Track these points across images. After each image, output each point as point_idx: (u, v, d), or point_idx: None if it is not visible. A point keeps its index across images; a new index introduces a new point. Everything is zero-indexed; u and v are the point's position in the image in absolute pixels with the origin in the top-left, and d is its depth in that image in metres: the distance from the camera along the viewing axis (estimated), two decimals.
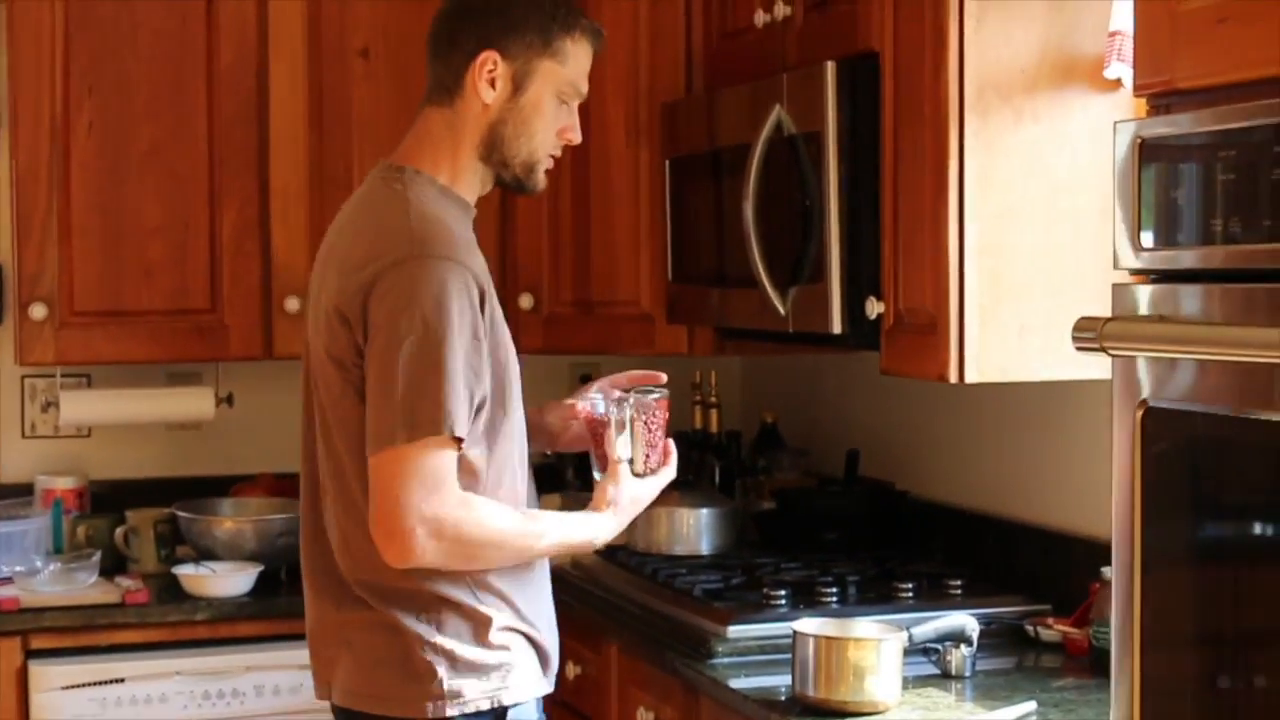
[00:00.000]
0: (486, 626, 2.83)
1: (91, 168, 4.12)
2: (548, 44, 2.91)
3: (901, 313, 3.17)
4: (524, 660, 2.89)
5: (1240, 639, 2.03)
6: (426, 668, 2.81)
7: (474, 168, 2.95)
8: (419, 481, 2.70)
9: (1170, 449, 2.03)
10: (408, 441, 2.70)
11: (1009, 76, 3.04)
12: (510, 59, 2.90)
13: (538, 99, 2.91)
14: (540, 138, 2.93)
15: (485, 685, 2.83)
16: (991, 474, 3.81)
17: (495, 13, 2.91)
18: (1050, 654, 3.27)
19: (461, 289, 2.73)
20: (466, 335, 2.73)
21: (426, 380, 2.69)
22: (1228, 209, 1.93)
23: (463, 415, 2.72)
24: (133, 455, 4.52)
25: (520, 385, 2.93)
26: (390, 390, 2.71)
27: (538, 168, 2.96)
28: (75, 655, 3.83)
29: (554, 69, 2.92)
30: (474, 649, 2.83)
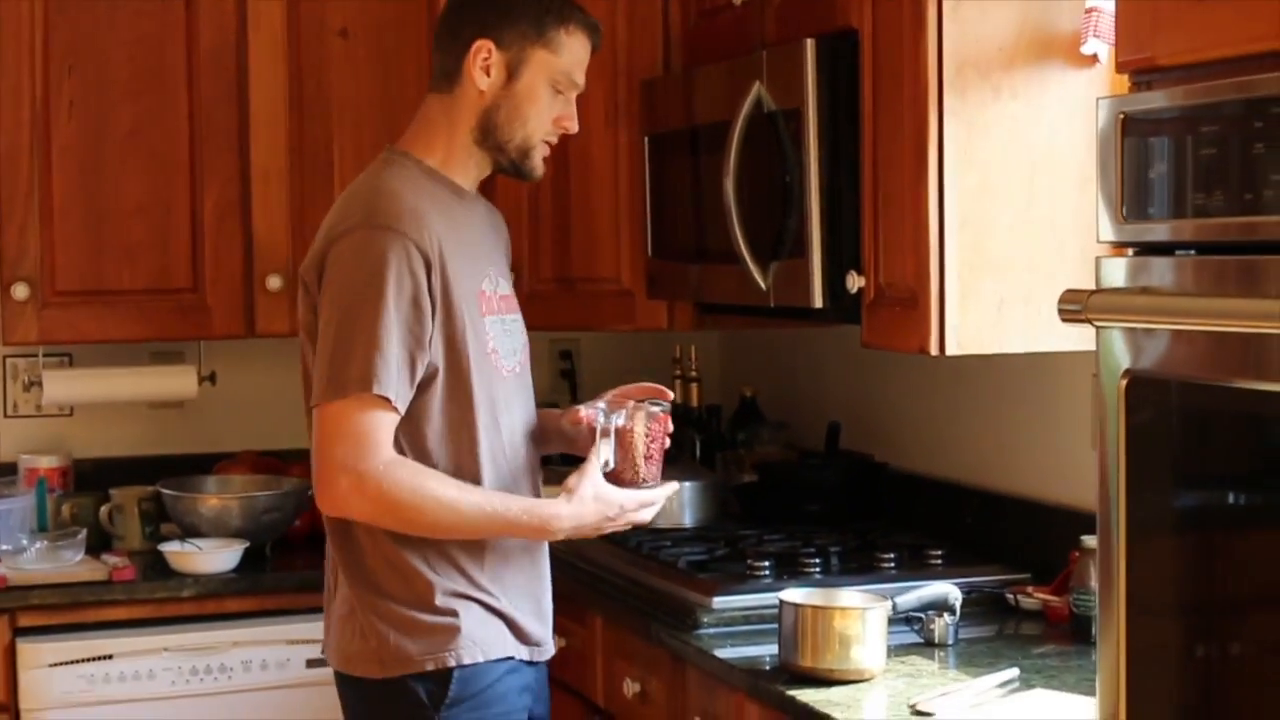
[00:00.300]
0: (430, 591, 2.94)
1: (73, 148, 4.14)
2: (541, 34, 3.02)
3: (882, 287, 3.21)
4: (477, 626, 2.97)
5: (1223, 606, 2.07)
6: (373, 629, 2.96)
7: (469, 151, 3.06)
8: (344, 436, 2.85)
9: (1153, 418, 2.07)
10: (336, 398, 2.86)
11: (987, 53, 3.07)
12: (504, 47, 3.01)
13: (531, 86, 3.02)
14: (534, 124, 3.03)
15: (428, 647, 2.94)
16: (970, 445, 3.86)
17: (492, 4, 3.03)
18: (1030, 622, 3.32)
19: (400, 257, 2.87)
20: (405, 302, 2.87)
21: (355, 341, 2.85)
22: (1208, 183, 1.97)
23: (391, 377, 2.85)
24: (115, 434, 4.55)
25: (504, 356, 3.05)
26: (325, 350, 2.88)
27: (533, 153, 3.06)
28: (63, 632, 3.86)
29: (547, 58, 3.02)
30: (419, 612, 2.95)
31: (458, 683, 2.95)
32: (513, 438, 3.06)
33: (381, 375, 2.84)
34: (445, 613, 2.95)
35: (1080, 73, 3.12)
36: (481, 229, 3.13)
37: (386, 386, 2.84)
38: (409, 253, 2.87)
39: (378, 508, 2.88)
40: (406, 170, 3.03)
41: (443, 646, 2.95)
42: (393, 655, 2.95)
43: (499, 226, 3.24)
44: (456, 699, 2.95)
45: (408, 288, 2.87)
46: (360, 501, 2.87)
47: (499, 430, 3.03)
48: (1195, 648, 2.11)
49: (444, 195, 3.03)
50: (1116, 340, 2.09)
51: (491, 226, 3.20)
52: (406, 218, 2.91)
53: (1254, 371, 1.91)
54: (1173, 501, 2.10)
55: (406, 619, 2.95)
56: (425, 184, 3.02)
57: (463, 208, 3.07)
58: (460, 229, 3.02)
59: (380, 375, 2.84)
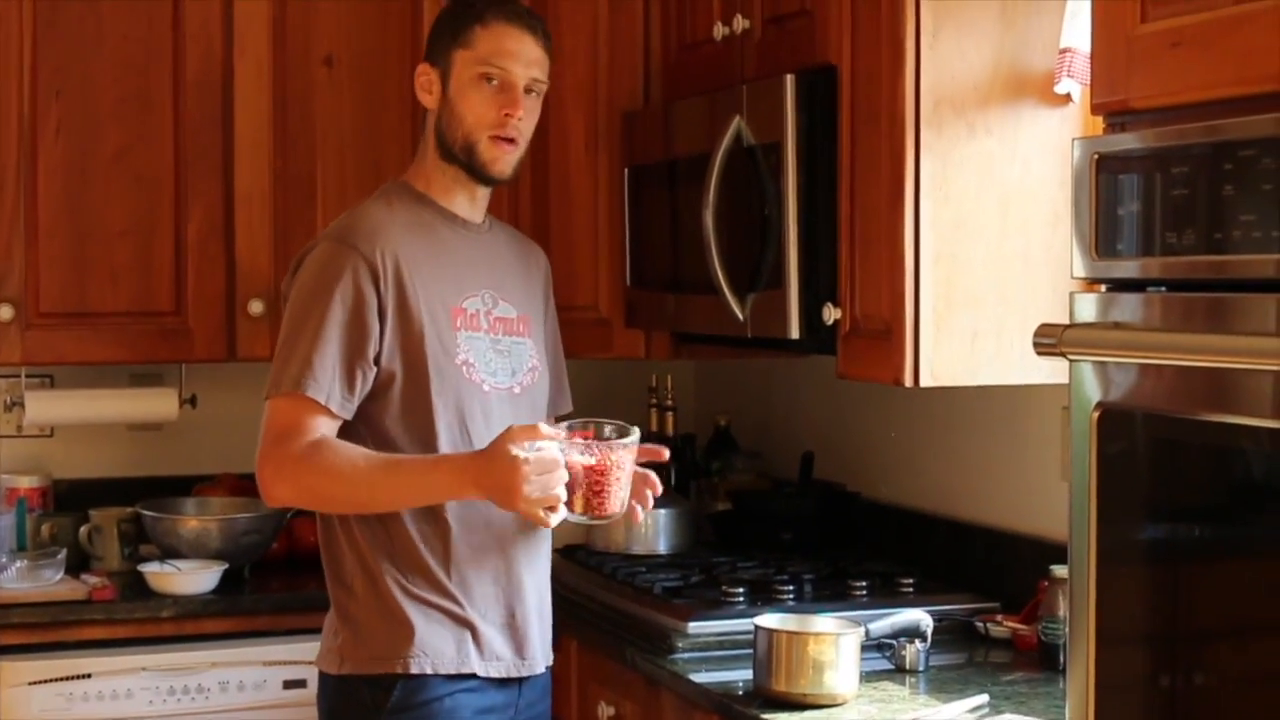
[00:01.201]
0: (391, 594, 3.04)
1: (59, 170, 4.18)
2: (456, 36, 3.16)
3: (858, 319, 3.27)
4: (434, 636, 3.04)
5: (1191, 636, 2.12)
6: (335, 626, 3.10)
7: (441, 170, 3.20)
8: (273, 431, 3.02)
9: (1124, 450, 2.13)
10: (274, 396, 3.04)
11: (963, 91, 3.14)
12: (435, 64, 3.18)
13: (460, 86, 3.15)
14: (470, 120, 3.14)
15: (378, 651, 3.04)
16: (941, 476, 3.92)
17: (431, 34, 3.24)
18: (999, 650, 3.38)
19: (347, 268, 3.03)
20: (346, 311, 3.02)
21: (296, 345, 3.02)
22: (1179, 222, 2.04)
23: (324, 380, 3.00)
24: (95, 455, 4.58)
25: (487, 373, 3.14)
26: (276, 350, 3.09)
27: (477, 148, 3.15)
28: (42, 651, 3.88)
29: (466, 55, 3.15)
30: (376, 614, 3.05)
31: (401, 691, 3.03)
32: (476, 429, 3.11)
33: (312, 378, 2.99)
34: (401, 619, 3.03)
35: (1054, 111, 3.18)
36: (487, 255, 3.22)
37: (318, 390, 2.99)
38: (356, 267, 3.03)
39: (298, 489, 3.02)
40: (395, 196, 3.19)
41: (392, 652, 3.03)
42: (348, 654, 3.06)
43: (531, 260, 3.37)
44: (397, 708, 3.03)
45: (350, 295, 3.02)
46: (282, 486, 3.01)
47: (468, 439, 3.09)
48: (1164, 678, 2.15)
49: (429, 216, 3.17)
50: (1089, 374, 2.14)
51: (516, 257, 3.32)
52: (363, 233, 3.07)
53: (1223, 405, 1.97)
54: (1142, 532, 2.15)
55: (364, 620, 3.06)
56: (411, 206, 3.17)
57: (453, 231, 3.19)
58: (439, 249, 3.14)
59: (310, 378, 2.99)
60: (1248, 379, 1.94)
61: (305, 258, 3.11)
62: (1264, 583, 1.98)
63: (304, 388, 2.99)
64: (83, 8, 4.19)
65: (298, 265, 3.13)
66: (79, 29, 4.18)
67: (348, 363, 3.02)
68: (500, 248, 3.29)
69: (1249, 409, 1.95)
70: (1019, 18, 3.15)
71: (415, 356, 3.06)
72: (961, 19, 3.12)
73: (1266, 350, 1.86)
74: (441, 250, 3.15)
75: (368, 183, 4.29)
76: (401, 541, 3.05)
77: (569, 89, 4.13)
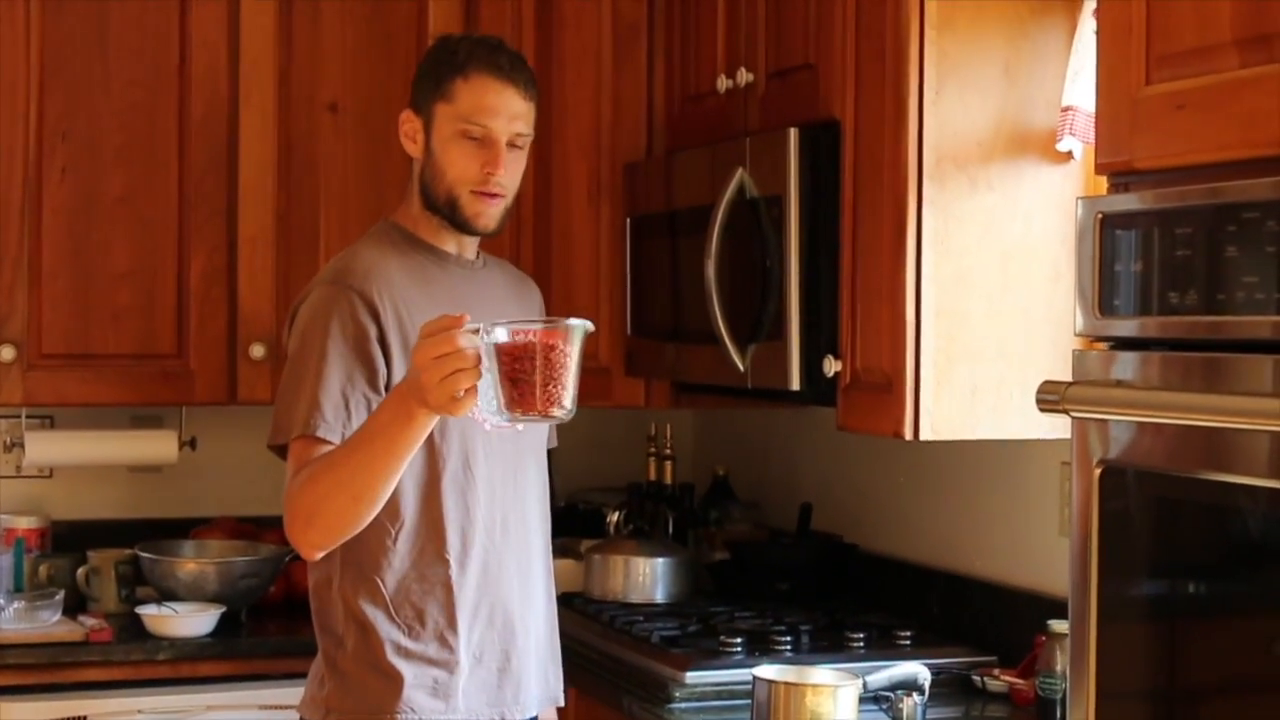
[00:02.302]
0: (381, 647, 3.02)
1: (63, 212, 4.20)
2: (438, 88, 3.13)
3: (858, 371, 3.28)
4: (422, 693, 3.03)
5: (1190, 693, 2.14)
6: (326, 676, 3.07)
7: (426, 215, 3.19)
8: (290, 478, 2.93)
9: (1126, 507, 2.15)
10: (276, 443, 3.03)
11: (965, 147, 3.16)
12: (419, 112, 3.17)
13: (441, 140, 3.13)
14: (451, 175, 3.12)
15: (364, 704, 3.03)
16: (939, 529, 3.93)
17: (416, 76, 3.21)
18: (996, 704, 3.38)
19: (344, 308, 3.01)
20: (347, 347, 2.99)
21: (300, 389, 2.99)
22: (1182, 282, 2.05)
23: (329, 419, 2.95)
24: (94, 496, 4.58)
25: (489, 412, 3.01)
26: (278, 397, 3.05)
27: (458, 203, 3.13)
28: (39, 692, 3.87)
29: (447, 109, 3.13)
30: (364, 667, 3.03)
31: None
32: (490, 488, 3.11)
33: (316, 418, 2.94)
34: (390, 673, 3.01)
35: (1055, 168, 3.21)
36: (480, 292, 3.18)
37: (327, 429, 2.94)
38: (353, 303, 3.01)
39: (308, 519, 2.87)
40: (385, 236, 3.18)
41: (380, 706, 3.01)
42: (334, 704, 3.05)
43: (525, 296, 3.34)
44: None
45: (350, 333, 3.00)
46: (296, 524, 2.89)
47: (473, 480, 3.08)
48: None
49: (420, 257, 3.16)
50: (1092, 431, 2.16)
51: (512, 292, 3.29)
52: (358, 273, 3.06)
53: (1222, 465, 1.99)
54: (1143, 589, 2.16)
55: (352, 673, 3.04)
56: (401, 246, 3.16)
57: (440, 269, 3.16)
58: (432, 288, 3.11)
59: (315, 418, 2.94)
60: (1247, 439, 1.96)
61: (300, 306, 3.09)
62: (1262, 641, 1.99)
63: (309, 429, 2.94)
64: (89, 51, 4.21)
65: (294, 314, 3.11)
66: (85, 72, 4.21)
67: (351, 396, 2.97)
68: (495, 283, 3.26)
69: (1248, 469, 1.97)
70: (1021, 75, 3.18)
71: None
72: (964, 75, 3.15)
73: (1265, 411, 1.88)
74: (436, 290, 3.12)
75: (370, 225, 4.29)
76: (398, 591, 3.03)
77: (572, 139, 4.16)
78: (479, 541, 3.08)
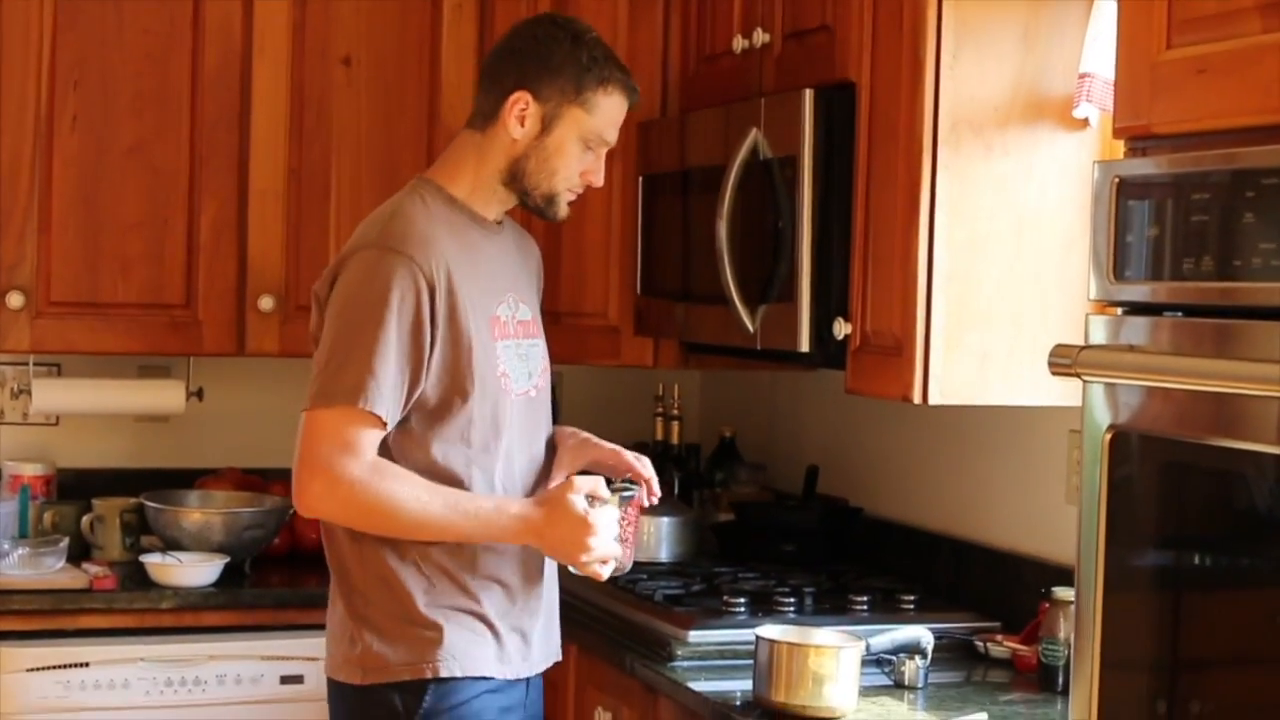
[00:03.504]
0: (414, 600, 3.01)
1: (74, 161, 4.19)
2: (579, 93, 3.09)
3: (868, 334, 3.28)
4: (460, 640, 3.02)
5: (1195, 662, 2.13)
6: (358, 635, 3.03)
7: (494, 189, 3.15)
8: (327, 443, 2.93)
9: (1135, 473, 2.14)
10: (324, 406, 2.94)
11: (982, 111, 3.15)
12: (542, 101, 3.09)
13: (561, 142, 3.10)
14: (560, 176, 3.12)
15: (407, 657, 3.00)
16: (945, 494, 3.93)
17: (536, 57, 3.11)
18: (998, 669, 3.38)
19: (405, 280, 2.96)
20: (405, 323, 2.95)
21: (351, 355, 2.93)
22: (1198, 248, 2.05)
23: (382, 395, 2.93)
24: (100, 445, 4.58)
25: (516, 380, 3.11)
26: (320, 359, 2.98)
27: (556, 200, 3.16)
28: (42, 638, 3.89)
29: (581, 117, 3.10)
30: (401, 621, 3.01)
31: (433, 695, 3.01)
32: (508, 455, 3.11)
33: (372, 391, 2.92)
34: (428, 624, 3.01)
35: (1071, 135, 3.19)
36: (505, 256, 3.20)
37: (376, 403, 2.92)
38: (414, 276, 2.96)
39: (348, 510, 2.96)
40: (428, 197, 3.11)
41: (421, 657, 3.01)
42: (373, 663, 3.02)
43: (529, 253, 3.34)
44: (431, 712, 3.01)
45: (409, 310, 2.95)
46: (332, 504, 2.96)
47: (499, 450, 3.08)
48: (1167, 703, 2.16)
49: (463, 223, 3.12)
50: (1103, 396, 2.15)
51: (519, 252, 3.28)
52: (415, 242, 3.00)
53: (1235, 431, 1.98)
54: (1150, 555, 2.16)
55: (389, 627, 3.02)
56: (445, 211, 3.10)
57: (483, 235, 3.15)
58: (477, 256, 3.10)
59: (370, 391, 2.92)
60: (1259, 406, 1.95)
61: (348, 261, 3.01)
62: (1269, 611, 1.99)
63: (365, 402, 2.91)
64: (103, 2, 4.20)
65: (337, 269, 3.02)
66: (99, 21, 4.20)
67: (402, 377, 2.95)
68: (510, 246, 3.26)
69: (1259, 435, 1.96)
70: (1040, 41, 3.16)
71: (462, 369, 3.01)
72: (982, 40, 3.13)
73: (1278, 377, 1.87)
74: (478, 258, 3.11)
75: (382, 182, 4.31)
76: (423, 550, 3.02)
77: None
78: None
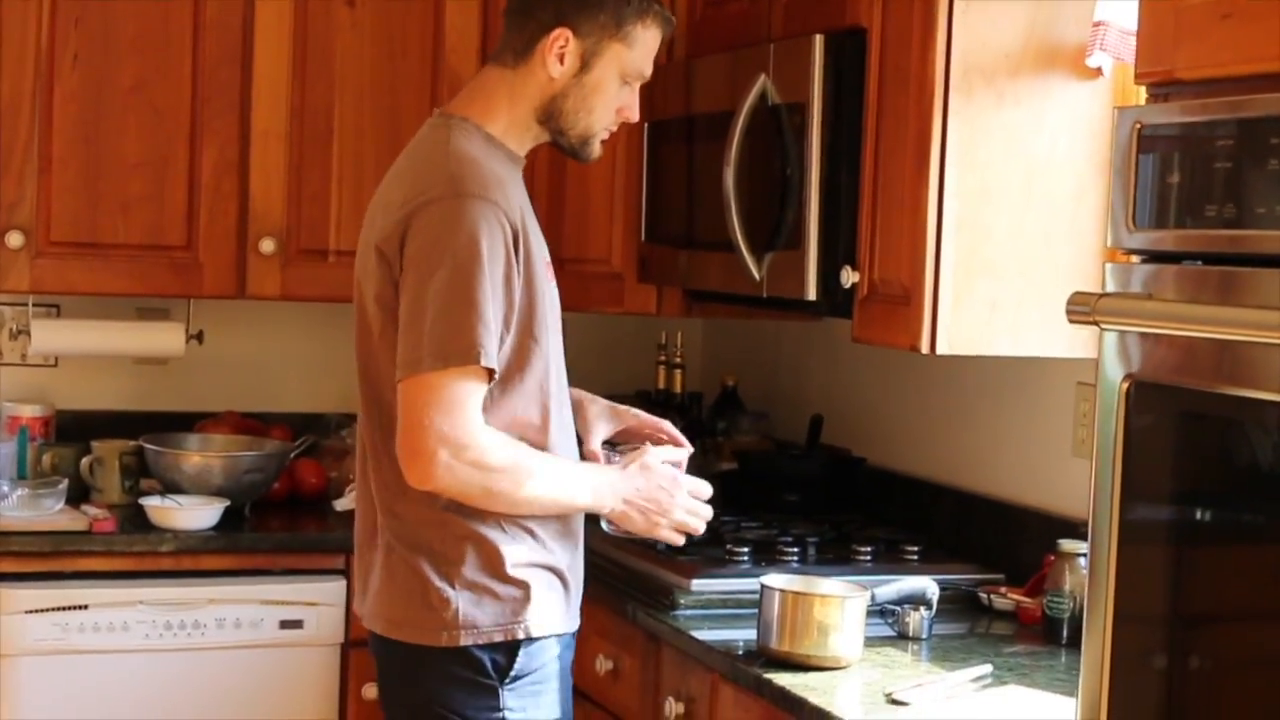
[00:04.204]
0: (501, 559, 2.92)
1: (75, 100, 4.15)
2: (619, 27, 3.01)
3: (876, 283, 3.25)
4: (544, 598, 2.97)
5: (1208, 615, 2.11)
6: (440, 598, 2.91)
7: (528, 126, 3.06)
8: (445, 407, 2.80)
9: (1152, 423, 2.12)
10: (437, 369, 2.80)
11: (994, 59, 3.12)
12: (581, 37, 3.00)
13: (601, 79, 3.02)
14: (598, 114, 3.04)
15: (500, 617, 2.93)
16: (949, 445, 3.91)
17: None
18: (1002, 621, 3.37)
19: (495, 226, 2.84)
20: (498, 271, 2.84)
21: (455, 311, 2.80)
22: (1221, 196, 2.02)
23: (492, 347, 2.82)
24: (99, 387, 4.56)
25: (558, 327, 3.05)
26: (420, 320, 2.82)
27: (592, 140, 3.08)
28: (41, 580, 3.86)
29: (621, 52, 3.02)
30: (491, 580, 2.92)
31: (524, 655, 2.95)
32: (564, 394, 3.07)
33: (487, 346, 2.81)
34: (517, 583, 2.93)
35: (1083, 84, 3.17)
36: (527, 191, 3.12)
37: (490, 357, 2.82)
38: (499, 220, 2.85)
39: (472, 474, 2.82)
40: (473, 137, 2.99)
41: (513, 618, 2.93)
42: (461, 624, 2.91)
43: None
44: (521, 671, 2.95)
45: (500, 256, 2.85)
46: (455, 470, 2.81)
47: (563, 393, 3.05)
48: (1180, 656, 2.14)
49: (506, 162, 3.02)
50: (1120, 345, 2.13)
51: None
52: (493, 185, 2.89)
53: (1255, 381, 1.96)
54: (1166, 506, 2.14)
55: (478, 587, 2.92)
56: (490, 149, 3.00)
57: (519, 173, 3.06)
58: (526, 196, 3.04)
59: (486, 346, 2.81)
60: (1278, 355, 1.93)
61: (419, 215, 2.85)
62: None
63: (482, 358, 2.80)
64: None
65: (406, 225, 2.86)
66: None
67: (499, 325, 2.85)
68: None
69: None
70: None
71: (538, 316, 2.94)
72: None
73: None
74: (527, 199, 3.04)
75: (385, 124, 4.28)
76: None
77: None
78: (564, 447, 3.04)
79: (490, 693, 2.94)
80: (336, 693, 4.04)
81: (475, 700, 2.94)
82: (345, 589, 4.00)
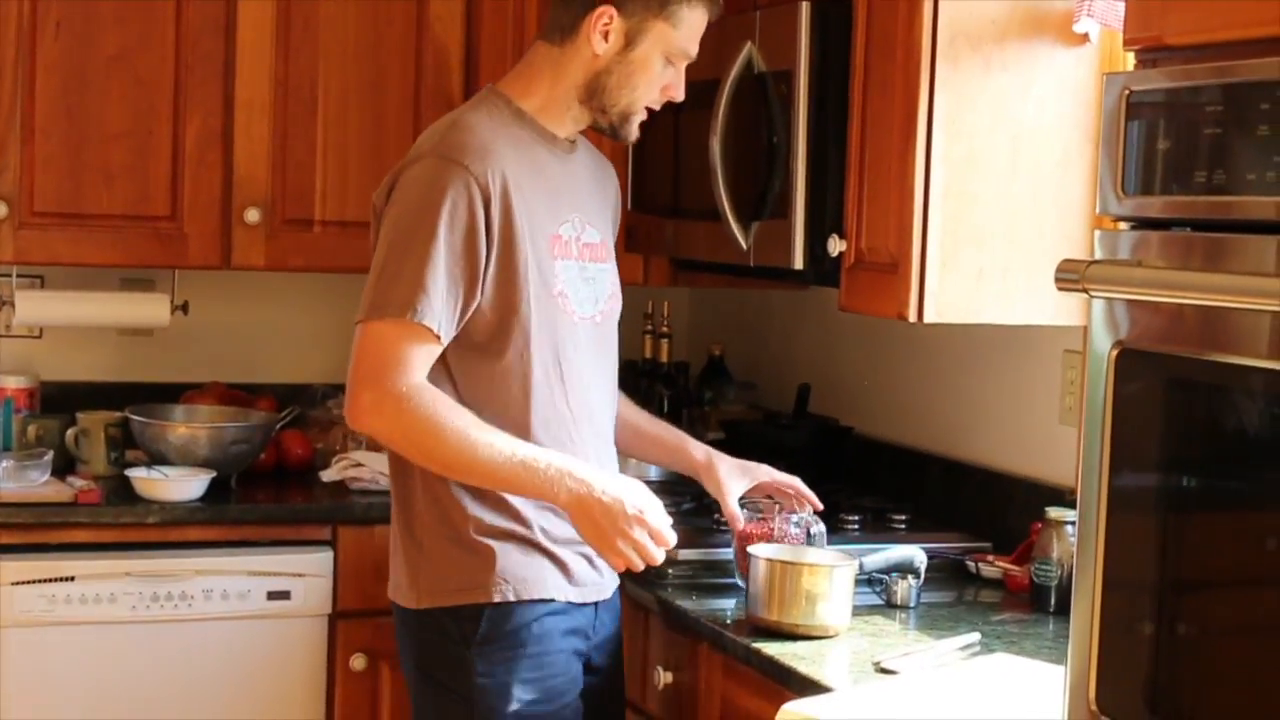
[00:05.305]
0: (465, 524, 2.96)
1: (57, 69, 4.12)
2: (664, 6, 3.01)
3: (863, 251, 3.25)
4: (514, 564, 2.97)
5: (1197, 583, 2.11)
6: (413, 560, 3.02)
7: (568, 104, 3.07)
8: (375, 355, 2.89)
9: (1140, 391, 2.11)
10: (373, 319, 2.89)
11: (980, 25, 3.11)
12: (626, 15, 3.01)
13: (646, 57, 3.03)
14: (641, 92, 3.06)
15: (460, 582, 2.97)
16: (937, 414, 3.91)
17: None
18: (989, 589, 3.37)
19: (459, 188, 2.89)
20: (457, 234, 2.89)
21: (404, 266, 2.88)
22: (1210, 162, 2.01)
23: (434, 307, 2.87)
24: (83, 358, 4.54)
25: (577, 303, 3.05)
26: (374, 271, 2.92)
27: (633, 119, 3.08)
28: (26, 552, 3.84)
29: (666, 31, 3.02)
30: (455, 544, 2.97)
31: (488, 621, 2.96)
32: (579, 382, 3.05)
33: (422, 304, 2.86)
34: (479, 549, 2.96)
35: (1070, 51, 3.16)
36: (574, 177, 3.12)
37: (427, 315, 2.86)
38: (468, 186, 2.89)
39: (394, 429, 2.90)
40: (495, 109, 3.04)
41: (474, 582, 2.96)
42: (427, 587, 3.00)
43: (605, 177, 3.26)
44: (487, 637, 2.96)
45: (461, 220, 2.89)
46: (377, 420, 2.89)
47: (560, 372, 3.03)
48: (1168, 623, 2.14)
49: (528, 138, 3.04)
50: (1109, 312, 2.12)
51: (594, 176, 3.20)
52: (473, 151, 2.93)
53: (1244, 348, 1.95)
54: (1154, 473, 2.13)
55: (441, 551, 2.99)
56: (511, 124, 3.03)
57: (549, 152, 3.07)
58: (542, 171, 3.04)
59: (421, 304, 2.86)
60: (1269, 322, 1.92)
61: (403, 174, 2.94)
62: (1272, 531, 1.97)
63: (416, 314, 2.85)
64: None
65: (393, 180, 2.96)
66: None
67: (455, 288, 2.89)
68: (583, 168, 3.17)
69: (1270, 352, 1.93)
70: None
71: (517, 283, 2.94)
72: None
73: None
74: (540, 174, 3.03)
75: (369, 94, 4.27)
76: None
77: None
78: (564, 427, 3.03)
79: (459, 656, 2.98)
80: (324, 663, 4.03)
81: (448, 662, 3.00)
82: (332, 560, 4.00)
